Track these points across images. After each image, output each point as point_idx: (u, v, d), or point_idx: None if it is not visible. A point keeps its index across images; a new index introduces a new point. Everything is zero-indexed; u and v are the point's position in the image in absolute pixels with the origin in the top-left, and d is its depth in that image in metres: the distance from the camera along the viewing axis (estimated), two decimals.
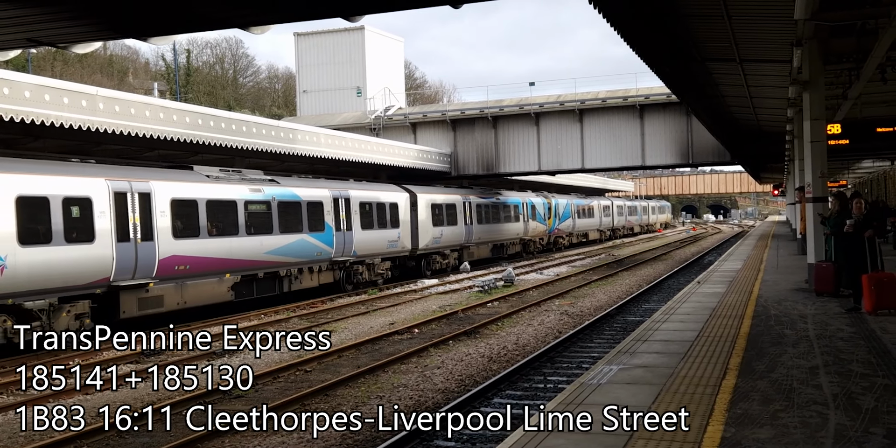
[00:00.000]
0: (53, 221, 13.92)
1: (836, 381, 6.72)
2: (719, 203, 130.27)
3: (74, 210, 14.42)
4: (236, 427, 8.54)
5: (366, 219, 23.66)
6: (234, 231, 18.38)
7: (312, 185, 22.31)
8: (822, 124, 13.08)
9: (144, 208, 15.91)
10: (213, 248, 17.54)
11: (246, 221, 18.75)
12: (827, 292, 12.55)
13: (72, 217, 14.31)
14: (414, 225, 26.85)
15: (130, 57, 66.22)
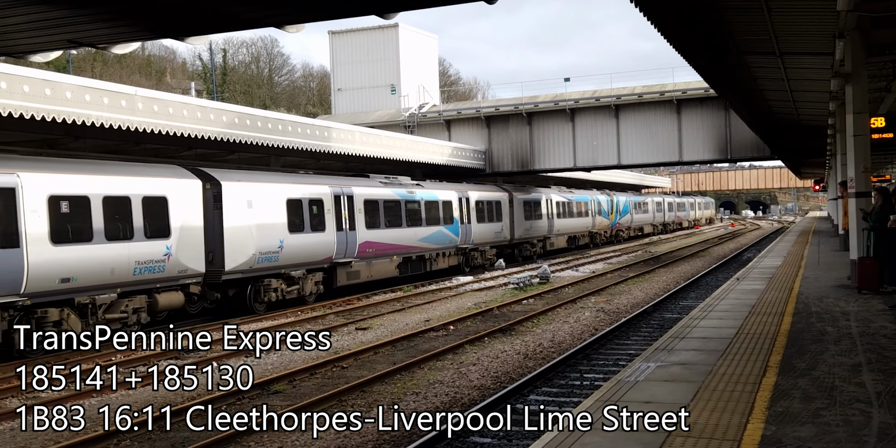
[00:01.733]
0: (305, 216, 19.51)
1: (880, 378, 6.58)
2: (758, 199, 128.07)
3: (315, 208, 20.01)
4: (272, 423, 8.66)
5: (480, 214, 29.11)
6: (399, 223, 23.72)
7: (444, 187, 27.68)
8: (866, 118, 12.78)
9: (349, 207, 21.32)
10: (387, 236, 22.97)
11: (406, 216, 24.08)
12: (870, 289, 12.27)
13: (313, 213, 19.89)
14: (511, 219, 32.08)
15: (168, 57, 67.39)
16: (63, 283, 13.34)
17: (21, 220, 12.79)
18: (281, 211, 18.69)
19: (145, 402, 10.04)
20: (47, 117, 14.46)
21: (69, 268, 13.42)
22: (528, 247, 34.51)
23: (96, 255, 14.00)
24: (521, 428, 8.23)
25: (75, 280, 13.56)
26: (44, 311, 13.18)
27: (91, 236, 14.02)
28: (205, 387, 10.82)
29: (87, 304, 13.99)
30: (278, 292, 18.47)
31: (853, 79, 12.57)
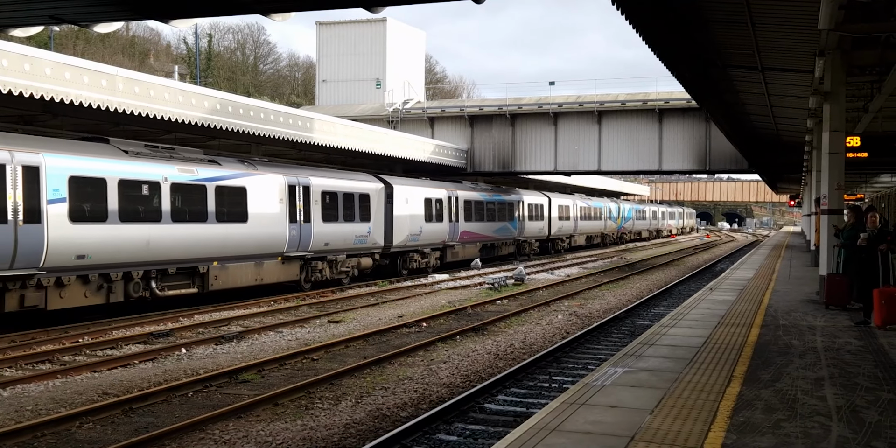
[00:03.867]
0: (433, 211, 27.37)
1: (841, 393, 6.71)
2: (734, 211, 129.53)
3: (438, 205, 27.94)
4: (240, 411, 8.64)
5: (530, 215, 37.69)
6: (482, 219, 31.90)
7: (510, 192, 35.98)
8: (842, 136, 13.00)
9: (456, 205, 29.48)
10: (476, 227, 31.13)
11: (487, 214, 32.28)
12: (837, 305, 12.50)
13: (437, 209, 27.77)
14: (549, 218, 40.55)
15: (152, 39, 66.63)
16: (325, 246, 21.50)
17: (298, 207, 20.37)
18: (421, 206, 26.71)
19: (110, 385, 9.95)
20: (25, 93, 14.25)
21: (328, 237, 21.58)
22: (559, 242, 42.74)
23: (340, 230, 22.20)
24: (487, 427, 8.29)
25: (330, 245, 21.67)
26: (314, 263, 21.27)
27: (338, 218, 22.05)
28: (173, 372, 10.76)
29: (334, 260, 22.08)
30: (417, 262, 26.91)
31: (832, 97, 12.77)
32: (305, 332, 14.43)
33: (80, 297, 14.50)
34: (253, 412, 8.73)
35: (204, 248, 17.14)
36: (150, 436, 7.58)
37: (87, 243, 14.37)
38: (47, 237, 13.59)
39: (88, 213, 14.56)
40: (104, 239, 14.75)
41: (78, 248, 14.16)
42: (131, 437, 7.73)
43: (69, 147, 14.84)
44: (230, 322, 15.45)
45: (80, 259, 14.23)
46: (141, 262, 15.58)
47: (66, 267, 14.00)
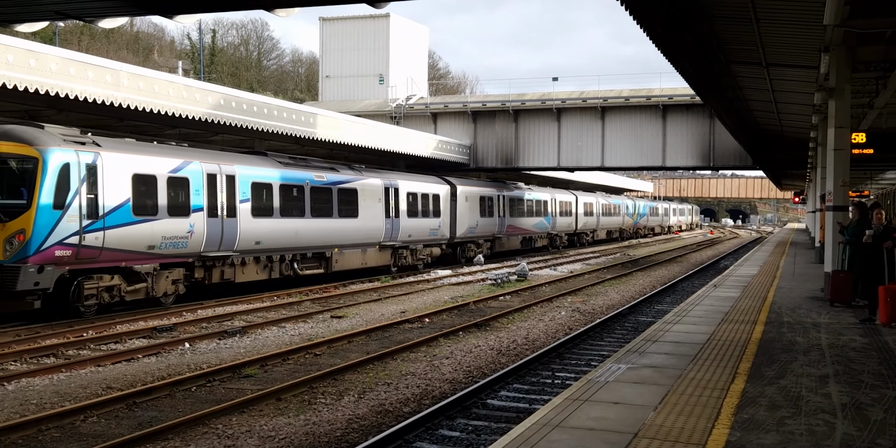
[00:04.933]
0: (486, 208, 31.55)
1: (846, 390, 6.69)
2: (738, 208, 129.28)
3: (489, 202, 32.14)
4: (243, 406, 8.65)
5: (560, 211, 41.66)
6: (523, 214, 36.23)
7: (542, 191, 39.72)
8: (847, 133, 12.94)
9: (504, 201, 33.73)
10: (518, 222, 35.55)
11: (527, 210, 36.73)
12: (842, 302, 12.46)
13: (488, 206, 32.05)
14: (577, 215, 44.65)
15: (156, 35, 66.61)
16: (409, 237, 25.61)
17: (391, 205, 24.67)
18: (477, 204, 30.92)
19: (114, 380, 9.97)
20: (30, 88, 14.27)
21: (411, 230, 25.66)
22: (584, 236, 47.01)
23: (420, 224, 26.43)
24: (490, 422, 8.28)
25: (412, 236, 25.93)
26: (401, 251, 25.56)
27: (417, 214, 26.22)
28: (176, 367, 10.78)
29: (415, 249, 26.40)
30: (472, 252, 31.19)
31: (837, 93, 12.71)
32: (308, 328, 14.44)
33: (253, 273, 18.81)
34: (256, 407, 8.74)
35: (330, 238, 21.45)
36: (153, 430, 7.59)
37: (261, 232, 18.75)
38: (240, 228, 17.98)
39: (262, 210, 18.78)
40: (271, 229, 19.10)
41: (256, 236, 18.55)
42: (135, 431, 7.75)
43: (249, 160, 19.16)
44: (233, 317, 15.48)
45: (257, 244, 18.63)
46: (291, 247, 19.97)
47: (248, 250, 18.44)
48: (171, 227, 16.04)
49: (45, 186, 13.50)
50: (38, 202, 13.41)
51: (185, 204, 16.51)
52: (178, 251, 16.30)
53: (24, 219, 13.29)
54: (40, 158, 13.55)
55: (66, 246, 13.74)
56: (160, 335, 13.38)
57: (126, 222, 14.99)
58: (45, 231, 13.43)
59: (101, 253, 14.44)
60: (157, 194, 15.81)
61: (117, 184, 14.86)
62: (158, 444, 7.41)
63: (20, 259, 13.14)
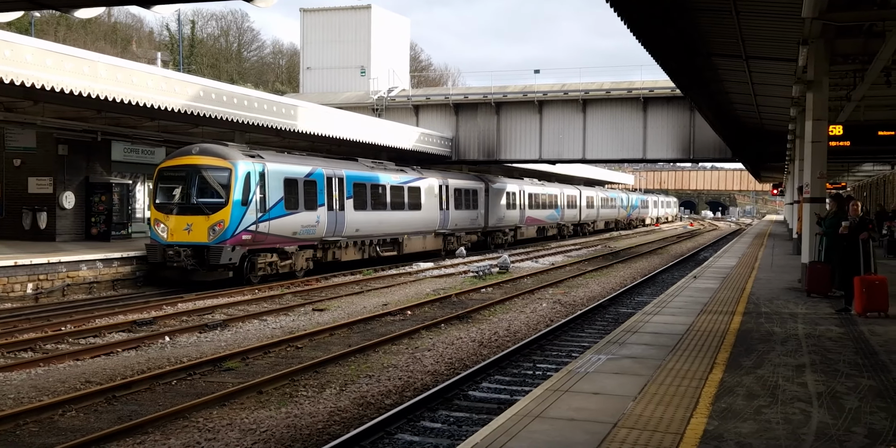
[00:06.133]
0: (511, 201, 36.10)
1: (822, 379, 6.79)
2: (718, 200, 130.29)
3: (513, 197, 37.04)
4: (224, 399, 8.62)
5: (569, 203, 46.66)
6: (538, 207, 40.85)
7: (552, 185, 44.19)
8: (824, 125, 13.07)
9: (524, 195, 38.39)
10: (535, 214, 40.22)
11: (541, 203, 41.28)
12: (819, 292, 12.62)
13: (513, 200, 37.00)
14: (580, 207, 49.37)
15: (135, 25, 65.80)
16: (455, 226, 30.74)
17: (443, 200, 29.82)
18: (504, 198, 35.62)
19: (93, 374, 9.89)
20: (5, 79, 14.05)
21: (457, 220, 30.81)
22: (586, 226, 51.69)
23: (463, 215, 31.45)
24: (471, 414, 8.32)
25: (458, 226, 30.89)
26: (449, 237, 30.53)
27: (461, 207, 31.14)
28: (156, 360, 10.71)
29: (459, 236, 31.19)
30: (500, 240, 35.86)
31: (815, 86, 12.82)
32: (290, 321, 14.40)
33: (352, 254, 23.70)
34: (237, 400, 8.71)
35: (402, 226, 26.46)
36: (133, 424, 7.54)
37: (359, 222, 23.60)
38: (346, 218, 22.84)
39: (360, 204, 23.62)
40: (365, 220, 23.98)
41: (356, 225, 23.41)
42: (114, 425, 7.70)
43: (350, 165, 24.10)
44: (214, 310, 15.39)
45: (356, 232, 23.50)
46: (377, 234, 24.93)
47: (350, 236, 23.23)
48: (307, 218, 20.96)
49: (236, 189, 18.40)
50: (232, 200, 18.31)
51: (314, 200, 21.31)
52: (309, 236, 21.20)
53: (223, 212, 18.21)
54: (232, 169, 18.50)
55: (248, 232, 18.67)
56: (140, 329, 13.28)
57: (281, 214, 19.83)
58: (237, 221, 18.35)
59: (266, 237, 19.30)
60: (298, 193, 20.60)
61: (275, 186, 19.69)
62: (138, 438, 7.36)
63: (221, 241, 18.06)
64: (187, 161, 18.93)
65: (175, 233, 18.30)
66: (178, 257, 17.89)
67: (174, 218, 18.42)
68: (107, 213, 23.52)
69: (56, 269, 16.95)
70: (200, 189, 18.70)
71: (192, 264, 17.92)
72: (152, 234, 18.70)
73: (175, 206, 18.66)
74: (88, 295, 17.37)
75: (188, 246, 18.03)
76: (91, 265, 17.80)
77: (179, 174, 18.88)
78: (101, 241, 22.86)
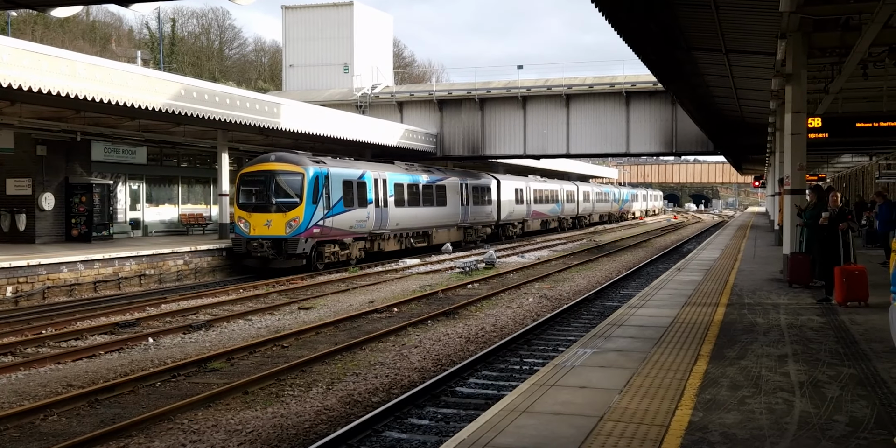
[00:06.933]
0: (518, 197, 39.61)
1: (804, 369, 6.85)
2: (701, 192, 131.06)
3: (519, 192, 39.79)
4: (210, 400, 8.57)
5: (568, 198, 49.43)
6: (542, 202, 43.69)
7: (555, 182, 47.80)
8: (803, 117, 13.16)
9: (530, 191, 41.34)
10: (538, 208, 43.00)
11: (544, 198, 44.28)
12: (800, 283, 12.73)
13: (520, 195, 39.92)
14: (578, 202, 52.28)
15: (114, 24, 65.14)
16: (474, 220, 33.94)
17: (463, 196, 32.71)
18: (513, 194, 38.69)
19: (75, 377, 9.80)
20: None
21: (475, 215, 33.85)
22: (582, 219, 54.42)
23: (479, 210, 34.45)
24: (459, 410, 8.32)
25: (476, 220, 33.96)
26: (468, 230, 33.77)
27: (478, 203, 34.21)
28: (139, 362, 10.64)
29: (477, 228, 34.45)
30: (511, 232, 39.20)
31: (793, 79, 12.91)
32: (275, 320, 14.33)
33: (393, 245, 26.87)
34: (222, 401, 8.66)
35: (431, 221, 29.73)
36: (116, 427, 7.48)
37: (399, 217, 26.91)
38: (389, 214, 26.07)
39: (399, 202, 26.91)
40: (404, 215, 27.30)
41: (396, 220, 26.69)
42: (97, 428, 7.63)
43: (390, 168, 27.34)
44: (198, 311, 15.30)
45: (397, 226, 26.74)
46: (412, 227, 28.17)
47: (392, 229, 26.44)
48: (360, 215, 24.16)
49: (308, 190, 21.53)
50: (305, 199, 21.46)
51: (364, 199, 24.45)
52: (362, 230, 24.39)
53: (298, 210, 21.44)
54: (304, 173, 21.64)
55: (317, 226, 21.81)
56: (122, 331, 13.17)
57: (340, 211, 22.97)
58: (309, 218, 21.49)
59: (330, 231, 22.51)
60: (353, 193, 23.72)
61: (336, 187, 22.76)
62: (122, 441, 7.30)
63: (296, 234, 21.24)
64: (266, 167, 22.00)
65: (256, 228, 21.38)
66: (260, 248, 21.13)
67: (255, 215, 21.50)
68: (87, 214, 23.31)
69: (36, 271, 16.79)
70: (278, 190, 21.75)
71: (272, 254, 21.11)
72: (236, 229, 21.92)
73: (256, 205, 21.67)
74: (69, 297, 17.22)
75: (268, 239, 21.19)
76: (72, 267, 17.64)
77: (259, 178, 21.92)
78: (82, 242, 22.67)
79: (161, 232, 27.82)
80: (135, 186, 27.12)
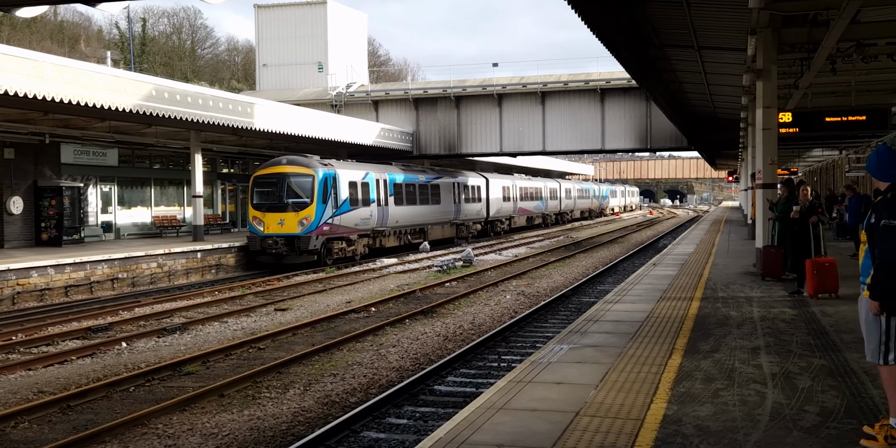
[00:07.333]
0: (505, 194, 41.57)
1: (776, 361, 6.92)
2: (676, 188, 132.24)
3: (506, 190, 41.86)
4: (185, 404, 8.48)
5: (551, 195, 51.37)
6: (527, 199, 45.32)
7: (539, 180, 49.67)
8: (774, 112, 13.31)
9: (516, 189, 42.81)
10: (524, 205, 44.78)
11: (529, 195, 45.68)
12: (773, 276, 12.88)
13: (507, 193, 41.84)
14: (560, 198, 54.19)
15: (82, 24, 64.19)
16: (465, 217, 35.27)
17: (456, 195, 34.50)
18: (500, 192, 40.25)
19: (46, 383, 9.65)
20: None
21: (466, 212, 35.45)
22: (565, 215, 56.30)
23: (470, 207, 35.88)
24: (437, 408, 8.32)
25: (467, 216, 35.70)
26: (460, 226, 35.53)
27: (469, 201, 35.63)
28: (112, 367, 10.50)
29: (468, 225, 35.80)
30: (499, 228, 41.02)
31: (764, 75, 13.04)
32: (251, 321, 14.22)
33: (392, 242, 28.38)
34: (198, 404, 8.57)
35: (427, 218, 31.23)
36: (89, 433, 7.38)
37: (399, 215, 28.50)
38: (390, 212, 27.56)
39: (399, 201, 28.39)
40: (403, 213, 28.87)
41: (396, 218, 28.20)
42: (70, 435, 7.52)
43: (390, 169, 28.81)
44: (172, 314, 15.14)
45: (396, 223, 28.24)
46: (410, 224, 29.64)
47: (392, 226, 27.98)
48: (364, 213, 25.65)
49: (318, 191, 23.08)
50: (315, 199, 23.00)
51: (368, 198, 25.99)
52: (365, 227, 25.91)
53: (309, 210, 22.95)
54: (315, 175, 23.20)
55: (326, 224, 23.36)
56: (95, 335, 12.99)
57: (347, 210, 24.47)
58: (319, 216, 23.01)
59: (338, 228, 24.07)
60: (358, 193, 25.27)
61: (343, 188, 24.35)
62: (95, 447, 7.20)
63: (308, 232, 22.77)
64: (278, 170, 23.55)
65: (270, 226, 22.82)
66: (275, 245, 22.54)
67: (269, 215, 22.98)
68: (57, 217, 22.94)
69: (4, 276, 16.51)
70: (290, 191, 23.27)
71: (285, 251, 22.57)
72: (251, 228, 23.31)
73: (269, 205, 23.19)
74: (40, 302, 16.96)
75: (282, 236, 22.67)
76: (42, 272, 17.37)
77: (272, 180, 23.48)
78: (53, 246, 22.33)
79: (134, 235, 27.48)
80: (106, 189, 26.76)
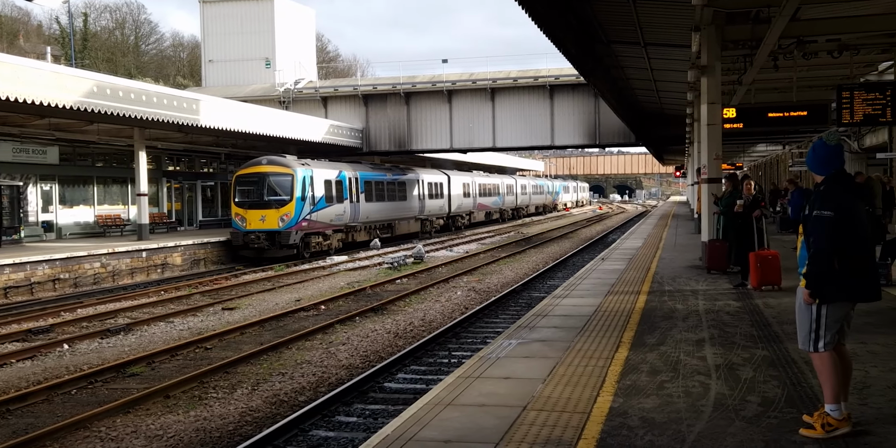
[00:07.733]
0: (465, 191, 43.41)
1: (720, 352, 7.06)
2: (625, 183, 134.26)
3: (467, 188, 43.63)
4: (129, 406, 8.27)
5: (507, 191, 52.81)
6: (486, 195, 46.84)
7: (496, 177, 50.76)
8: (718, 108, 13.58)
9: (475, 185, 45.08)
10: (483, 200, 46.38)
11: (487, 191, 47.29)
12: (718, 269, 13.15)
13: (467, 190, 43.73)
14: (517, 194, 55.71)
15: (21, 19, 62.08)
16: (429, 213, 37.16)
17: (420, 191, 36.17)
18: (461, 189, 41.90)
19: None
20: None
21: (430, 208, 37.18)
22: (521, 210, 57.97)
23: (433, 203, 37.69)
24: (387, 405, 8.27)
25: (431, 212, 37.43)
26: (425, 222, 37.22)
27: (433, 197, 37.56)
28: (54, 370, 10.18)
29: (432, 220, 37.64)
30: (460, 223, 42.38)
31: (708, 71, 13.30)
32: (198, 321, 13.95)
33: (363, 236, 29.70)
34: (142, 406, 8.37)
35: (395, 214, 32.72)
36: (28, 437, 7.14)
37: (370, 211, 30.03)
38: (361, 208, 29.00)
39: (368, 197, 29.83)
40: (374, 209, 30.44)
41: (368, 214, 29.73)
42: (8, 439, 7.26)
43: (360, 167, 30.37)
44: (116, 314, 14.76)
45: (367, 218, 29.69)
46: (379, 220, 31.17)
47: (364, 222, 29.47)
48: (338, 209, 27.08)
49: (296, 189, 24.48)
50: (294, 197, 24.39)
51: (342, 196, 27.45)
52: (340, 223, 27.40)
53: (289, 206, 24.35)
54: (294, 174, 24.67)
55: (305, 220, 24.76)
56: (36, 337, 12.59)
57: (323, 207, 25.88)
58: (298, 213, 24.42)
59: (315, 224, 25.49)
60: (332, 190, 26.64)
61: (319, 186, 25.76)
62: None
63: (288, 228, 24.16)
64: (259, 169, 24.99)
65: (252, 223, 24.20)
66: (257, 240, 23.97)
67: (251, 212, 24.33)
68: None
69: None
70: (270, 190, 24.64)
71: (266, 245, 23.93)
72: (234, 224, 24.67)
73: (251, 202, 24.51)
74: None
75: (263, 232, 24.03)
76: None
77: (253, 179, 24.92)
78: None
79: (76, 234, 26.71)
80: (46, 187, 25.94)
